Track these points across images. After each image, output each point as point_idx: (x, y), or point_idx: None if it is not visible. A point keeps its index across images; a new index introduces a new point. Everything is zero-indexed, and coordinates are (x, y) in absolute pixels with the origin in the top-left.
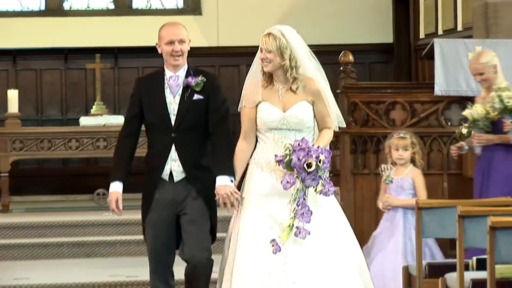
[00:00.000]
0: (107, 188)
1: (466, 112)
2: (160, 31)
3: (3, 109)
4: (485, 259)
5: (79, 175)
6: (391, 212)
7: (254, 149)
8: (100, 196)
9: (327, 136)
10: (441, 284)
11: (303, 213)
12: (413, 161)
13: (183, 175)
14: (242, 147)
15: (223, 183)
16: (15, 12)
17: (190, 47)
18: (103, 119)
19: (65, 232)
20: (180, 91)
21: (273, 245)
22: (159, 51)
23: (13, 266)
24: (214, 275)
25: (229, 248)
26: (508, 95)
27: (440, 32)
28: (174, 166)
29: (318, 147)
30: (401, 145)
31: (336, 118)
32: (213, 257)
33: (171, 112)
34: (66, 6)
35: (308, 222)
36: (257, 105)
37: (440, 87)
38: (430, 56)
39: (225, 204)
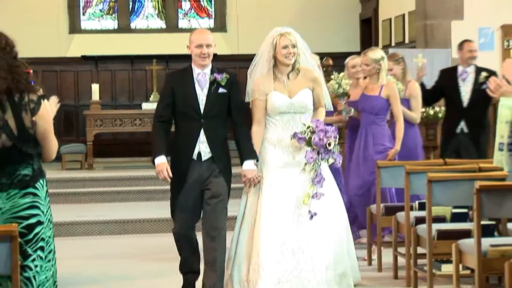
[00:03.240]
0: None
1: None
2: (191, 36)
3: (88, 98)
4: (424, 203)
5: (142, 143)
6: None
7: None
8: None
9: (323, 113)
10: (394, 220)
11: (319, 180)
12: None
13: (209, 155)
14: (256, 131)
15: (250, 167)
16: (96, 30)
17: (219, 54)
18: None
19: (132, 183)
20: (207, 85)
21: (312, 215)
22: (189, 52)
23: (94, 207)
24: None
25: (244, 213)
26: (346, 82)
27: (393, 43)
28: (202, 147)
29: (332, 126)
30: None
31: (328, 103)
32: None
33: (200, 102)
34: (132, 26)
35: (322, 187)
36: (266, 95)
37: None
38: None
39: (249, 185)
